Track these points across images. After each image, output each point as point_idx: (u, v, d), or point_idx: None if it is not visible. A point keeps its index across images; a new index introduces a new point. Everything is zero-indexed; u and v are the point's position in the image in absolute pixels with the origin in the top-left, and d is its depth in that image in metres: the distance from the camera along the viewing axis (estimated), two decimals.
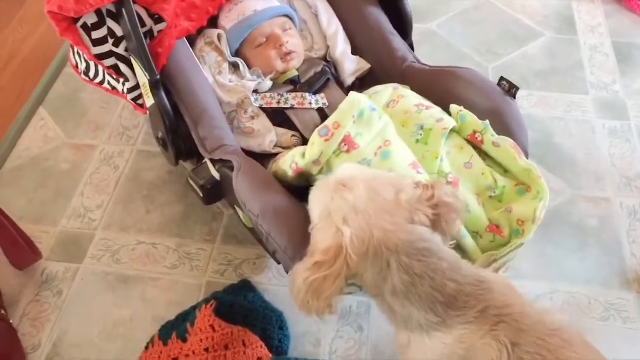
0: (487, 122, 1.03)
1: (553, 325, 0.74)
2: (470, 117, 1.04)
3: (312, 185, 1.03)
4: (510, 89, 1.08)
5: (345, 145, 0.94)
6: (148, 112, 1.17)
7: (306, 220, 0.96)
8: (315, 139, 0.95)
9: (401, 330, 0.80)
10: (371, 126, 0.96)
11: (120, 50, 1.11)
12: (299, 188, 1.04)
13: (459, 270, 0.76)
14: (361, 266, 0.75)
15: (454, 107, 1.07)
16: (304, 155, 0.97)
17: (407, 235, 0.74)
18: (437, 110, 1.06)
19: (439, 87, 1.14)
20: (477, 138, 1.04)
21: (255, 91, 1.20)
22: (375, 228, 0.74)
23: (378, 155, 0.95)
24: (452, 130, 1.04)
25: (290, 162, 0.99)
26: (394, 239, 0.74)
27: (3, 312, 1.12)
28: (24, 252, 1.17)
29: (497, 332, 0.73)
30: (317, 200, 0.82)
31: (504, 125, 1.05)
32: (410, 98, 1.09)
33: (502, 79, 1.10)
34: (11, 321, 1.13)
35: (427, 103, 1.08)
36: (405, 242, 0.74)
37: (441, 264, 0.75)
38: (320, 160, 0.95)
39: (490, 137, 1.02)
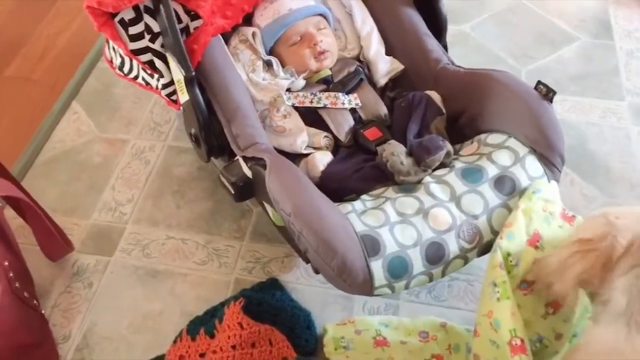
0: None
1: None
2: None
3: (342, 187, 1.05)
4: (547, 93, 1.07)
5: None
6: (182, 108, 1.18)
7: (338, 219, 0.96)
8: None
9: (599, 323, 0.79)
10: None
11: (157, 46, 1.12)
12: (330, 188, 1.05)
13: None
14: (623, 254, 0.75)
15: None
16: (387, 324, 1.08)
17: None
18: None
19: (473, 89, 1.13)
20: None
21: (288, 90, 1.20)
22: None
23: None
24: None
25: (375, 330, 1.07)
26: None
27: (35, 302, 1.13)
28: (57, 244, 1.19)
29: None
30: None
31: (540, 130, 1.03)
32: None
33: (539, 82, 1.08)
34: (43, 311, 1.15)
35: None
36: None
37: None
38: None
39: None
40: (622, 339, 0.75)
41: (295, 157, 1.13)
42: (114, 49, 1.20)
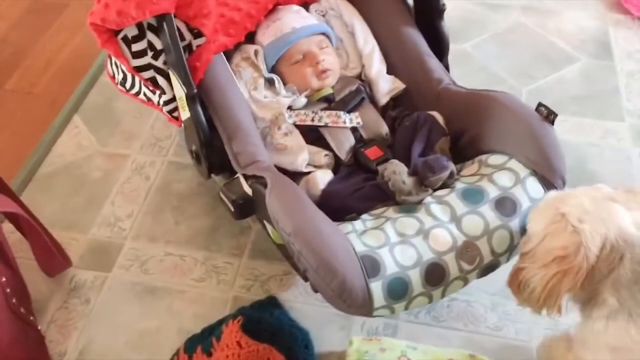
0: None
1: None
2: None
3: (343, 206, 1.05)
4: (549, 115, 1.07)
5: None
6: (183, 124, 1.18)
7: (339, 239, 0.96)
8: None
9: (598, 319, 0.83)
10: None
11: (159, 63, 1.13)
12: (330, 207, 1.05)
13: None
14: (597, 261, 0.79)
15: None
16: (415, 347, 1.04)
17: (637, 231, 0.80)
18: None
19: (475, 110, 1.13)
20: None
21: (290, 108, 1.20)
22: (610, 223, 0.79)
23: None
24: None
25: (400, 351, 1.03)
26: (630, 233, 0.79)
27: (32, 317, 1.12)
28: (54, 259, 1.18)
29: None
30: (541, 213, 0.87)
31: (541, 152, 1.04)
32: None
33: (540, 104, 1.08)
34: (39, 327, 1.14)
35: None
36: (637, 236, 0.79)
37: None
38: None
39: None
40: (633, 332, 0.80)
41: (296, 175, 1.13)
42: (116, 64, 1.21)
